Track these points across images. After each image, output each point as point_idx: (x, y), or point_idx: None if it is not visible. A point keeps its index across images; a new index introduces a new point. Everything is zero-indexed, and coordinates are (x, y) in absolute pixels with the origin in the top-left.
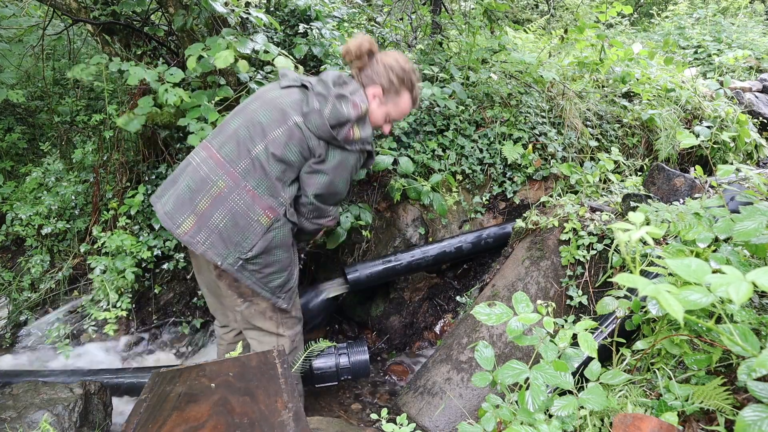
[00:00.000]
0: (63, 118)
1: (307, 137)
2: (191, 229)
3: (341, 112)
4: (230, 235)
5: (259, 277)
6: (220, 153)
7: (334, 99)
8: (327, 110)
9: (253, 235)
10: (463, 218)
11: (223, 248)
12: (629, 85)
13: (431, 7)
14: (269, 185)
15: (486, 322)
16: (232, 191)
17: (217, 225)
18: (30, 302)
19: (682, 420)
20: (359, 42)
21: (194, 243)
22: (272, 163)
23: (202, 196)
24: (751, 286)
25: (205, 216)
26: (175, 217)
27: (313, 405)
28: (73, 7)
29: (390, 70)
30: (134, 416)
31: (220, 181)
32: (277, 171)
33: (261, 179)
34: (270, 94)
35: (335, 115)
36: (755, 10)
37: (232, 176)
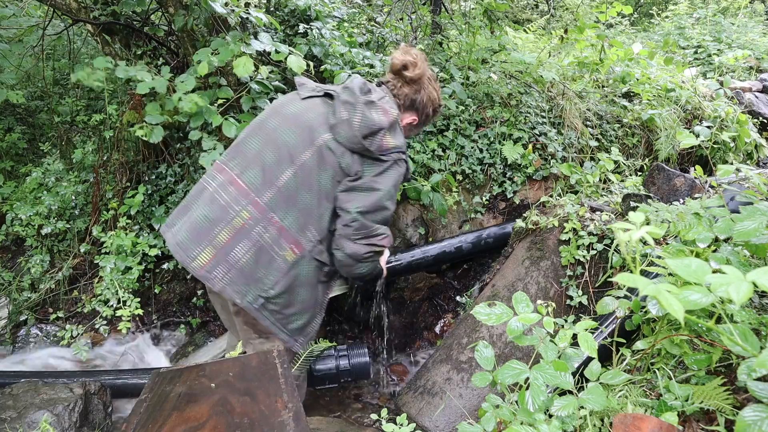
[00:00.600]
0: (63, 118)
1: (339, 155)
2: (208, 262)
3: (372, 119)
4: (252, 270)
5: (279, 317)
6: (243, 179)
7: (363, 106)
8: (357, 119)
9: (276, 271)
10: (463, 218)
11: (243, 285)
12: (629, 85)
13: (431, 7)
14: (298, 217)
15: (486, 322)
16: (257, 223)
17: (238, 260)
18: (30, 302)
19: (682, 420)
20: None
21: (211, 278)
22: (302, 192)
23: (223, 227)
24: (751, 286)
25: (225, 249)
26: (190, 249)
27: (313, 405)
28: (73, 7)
29: (431, 103)
30: (134, 416)
31: (243, 212)
32: (308, 201)
33: (289, 210)
34: (290, 109)
35: (366, 124)
36: (755, 10)
37: (258, 207)
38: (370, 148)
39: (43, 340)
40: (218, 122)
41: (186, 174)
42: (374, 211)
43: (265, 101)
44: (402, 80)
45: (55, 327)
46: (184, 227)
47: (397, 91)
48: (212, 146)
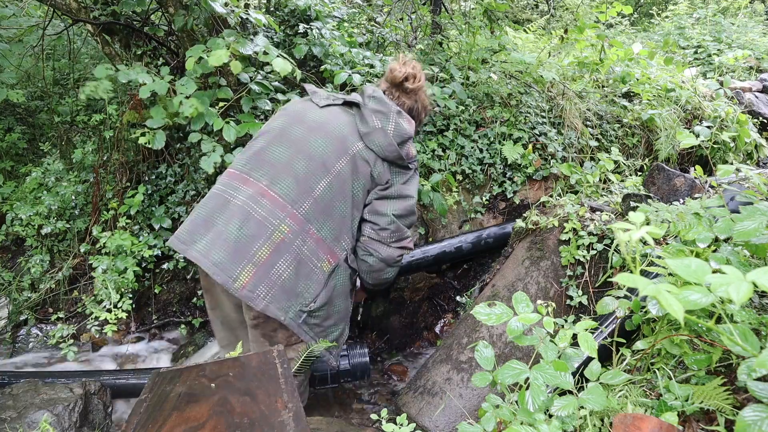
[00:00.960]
0: (63, 118)
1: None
2: (249, 281)
3: (404, 128)
4: (293, 285)
5: (319, 331)
6: (275, 190)
7: (395, 115)
8: (391, 127)
9: (316, 284)
10: (463, 218)
11: (286, 301)
12: (629, 85)
13: (431, 7)
14: (333, 227)
15: (486, 322)
16: (296, 237)
17: (281, 275)
18: (30, 302)
19: (682, 420)
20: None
21: (254, 298)
22: (337, 202)
23: (262, 243)
24: (751, 286)
25: (266, 266)
26: (229, 269)
27: (313, 405)
28: (73, 7)
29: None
30: (134, 416)
31: (283, 226)
32: (342, 211)
33: (325, 221)
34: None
35: (399, 132)
36: (755, 10)
37: (296, 219)
38: (404, 156)
39: (44, 340)
40: (219, 125)
41: (186, 174)
42: (407, 215)
43: (265, 101)
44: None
45: (56, 327)
46: (216, 245)
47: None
48: (211, 148)
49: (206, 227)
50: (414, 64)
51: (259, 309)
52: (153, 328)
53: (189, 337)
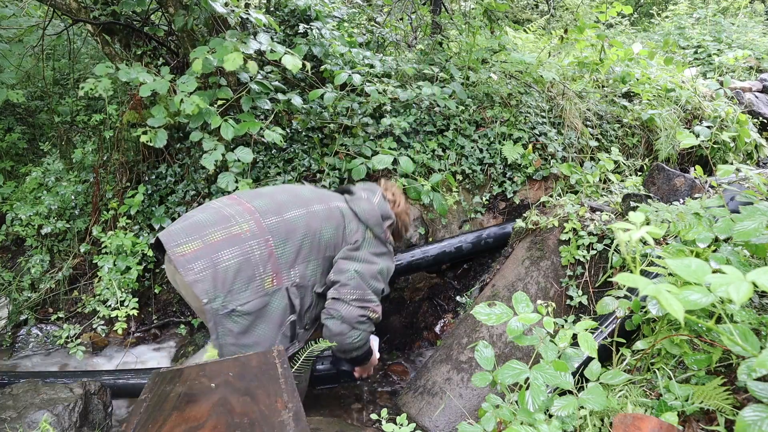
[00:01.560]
0: (63, 118)
1: (348, 220)
2: (191, 253)
3: (388, 210)
4: (230, 278)
5: (232, 342)
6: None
7: (381, 193)
8: (376, 199)
9: (252, 290)
10: (463, 218)
11: (213, 287)
12: (629, 85)
13: (431, 7)
14: (291, 252)
15: (486, 322)
16: (253, 237)
17: (222, 262)
18: (30, 302)
19: (682, 420)
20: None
21: (187, 268)
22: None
23: (219, 228)
24: (751, 286)
25: (214, 247)
26: (177, 237)
27: (313, 405)
28: (73, 7)
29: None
30: (134, 416)
31: (245, 224)
32: (304, 242)
33: (285, 241)
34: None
35: (383, 208)
36: (755, 10)
37: (259, 225)
38: (381, 229)
39: (44, 341)
40: (217, 123)
41: (186, 174)
42: (372, 278)
43: (265, 101)
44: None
45: (55, 327)
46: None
47: None
48: (213, 147)
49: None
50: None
51: (187, 281)
52: (153, 328)
53: (189, 337)
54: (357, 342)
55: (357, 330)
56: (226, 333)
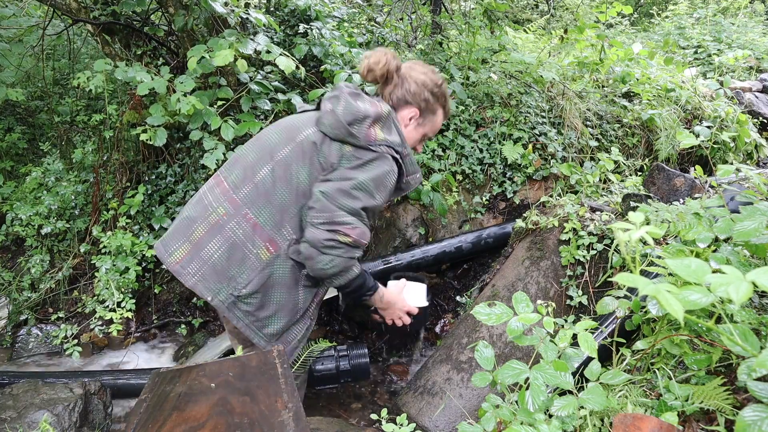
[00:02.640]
0: (63, 118)
1: (319, 147)
2: (183, 258)
3: (357, 106)
4: (224, 267)
5: (252, 320)
6: (227, 180)
7: (347, 96)
8: (340, 107)
9: (249, 269)
10: (463, 218)
11: (215, 282)
12: (629, 85)
13: (431, 7)
14: (273, 214)
15: (486, 322)
16: (231, 219)
17: (211, 255)
18: (30, 302)
19: (682, 420)
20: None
21: (184, 274)
22: (278, 187)
23: (200, 223)
24: (751, 286)
25: (199, 245)
26: (169, 245)
27: (313, 405)
28: (73, 7)
29: (424, 89)
30: (134, 416)
31: (220, 208)
32: (283, 197)
33: (264, 207)
34: (285, 120)
35: (350, 110)
36: (755, 10)
37: (233, 203)
38: (357, 135)
39: (44, 341)
40: (217, 124)
41: (186, 174)
42: (342, 195)
43: (264, 101)
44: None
45: (55, 327)
46: (171, 229)
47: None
48: (213, 146)
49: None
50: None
51: (188, 285)
52: (153, 328)
53: (189, 337)
54: (329, 268)
55: (326, 255)
56: (242, 316)
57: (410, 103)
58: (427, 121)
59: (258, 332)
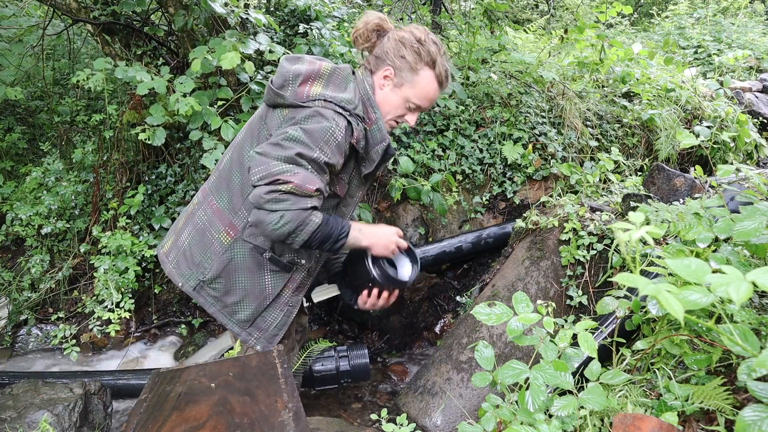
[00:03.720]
0: (63, 118)
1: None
2: (169, 248)
3: (287, 68)
4: (193, 254)
5: (221, 306)
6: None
7: (282, 62)
8: (275, 76)
9: (212, 254)
10: (463, 218)
11: (186, 268)
12: (629, 85)
13: (431, 7)
14: (230, 198)
15: (486, 322)
16: (199, 207)
17: (183, 243)
18: (30, 302)
19: (682, 420)
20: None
21: (166, 263)
22: (233, 170)
23: (183, 216)
24: (751, 286)
25: (179, 234)
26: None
27: (313, 405)
28: (73, 7)
29: (401, 45)
30: (134, 416)
31: (195, 199)
32: (237, 179)
33: (223, 192)
34: None
35: (281, 73)
36: (755, 10)
37: (203, 191)
38: (284, 95)
39: (44, 341)
40: (217, 124)
41: (186, 174)
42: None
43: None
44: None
45: (55, 327)
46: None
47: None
48: (213, 146)
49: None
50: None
51: (167, 273)
52: (153, 328)
53: (189, 337)
54: (281, 226)
55: (274, 212)
56: (211, 301)
57: (383, 62)
58: (405, 81)
59: (229, 318)
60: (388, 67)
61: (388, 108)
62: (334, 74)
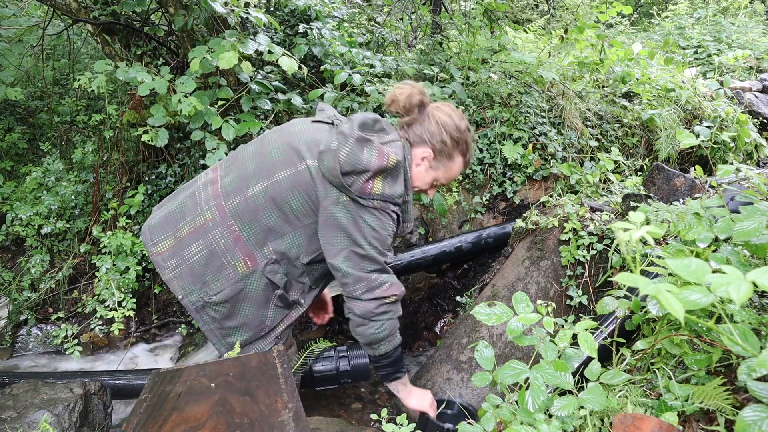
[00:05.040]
0: (63, 118)
1: (316, 182)
2: (166, 251)
3: (359, 157)
4: (201, 271)
5: (217, 326)
6: (222, 181)
7: (354, 141)
8: (344, 152)
9: (224, 279)
10: (463, 218)
11: (189, 283)
12: (629, 85)
13: (431, 7)
14: (257, 233)
15: (486, 322)
16: (216, 227)
17: (191, 256)
18: (30, 302)
19: (682, 420)
20: (408, 92)
21: (163, 267)
22: (268, 208)
23: (188, 221)
24: (751, 286)
25: (182, 243)
26: (155, 234)
27: (313, 405)
28: (73, 7)
29: (444, 130)
30: (134, 416)
31: (208, 212)
32: (271, 219)
33: (250, 223)
34: (294, 128)
35: (351, 161)
36: (755, 10)
37: (221, 210)
38: (351, 188)
39: (44, 341)
40: (218, 124)
41: (186, 174)
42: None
43: (265, 101)
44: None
45: (55, 327)
46: (163, 210)
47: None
48: (215, 146)
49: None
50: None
51: (164, 279)
52: (153, 328)
53: (189, 337)
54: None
55: (378, 320)
56: (208, 321)
57: (426, 142)
58: (441, 165)
59: (221, 339)
60: (429, 150)
61: (419, 183)
62: (395, 168)
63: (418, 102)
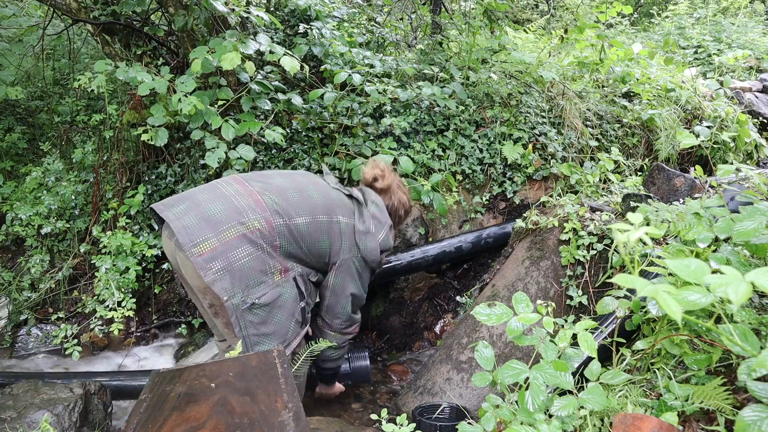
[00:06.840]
0: (63, 118)
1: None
2: (208, 252)
3: (389, 243)
4: (246, 275)
5: (253, 333)
6: (263, 197)
7: (388, 229)
8: (381, 236)
9: (265, 284)
10: (463, 218)
11: (234, 285)
12: (629, 85)
13: (431, 7)
14: (293, 252)
15: (486, 322)
16: (263, 238)
17: (239, 260)
18: (30, 302)
19: (682, 420)
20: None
21: (206, 269)
22: (307, 239)
23: (233, 225)
24: (750, 287)
25: (229, 246)
26: (196, 234)
27: (313, 405)
28: (73, 7)
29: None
30: (134, 416)
31: (256, 222)
32: (304, 248)
33: (290, 244)
34: (321, 181)
35: (387, 244)
36: (755, 10)
37: (270, 225)
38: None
39: (44, 341)
40: (218, 124)
41: (186, 174)
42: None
43: (265, 101)
44: (375, 190)
45: (55, 327)
46: (192, 212)
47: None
48: (215, 145)
49: (190, 199)
50: (381, 165)
51: (206, 281)
52: (153, 328)
53: (189, 337)
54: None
55: (341, 349)
56: (247, 325)
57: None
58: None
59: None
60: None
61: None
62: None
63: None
